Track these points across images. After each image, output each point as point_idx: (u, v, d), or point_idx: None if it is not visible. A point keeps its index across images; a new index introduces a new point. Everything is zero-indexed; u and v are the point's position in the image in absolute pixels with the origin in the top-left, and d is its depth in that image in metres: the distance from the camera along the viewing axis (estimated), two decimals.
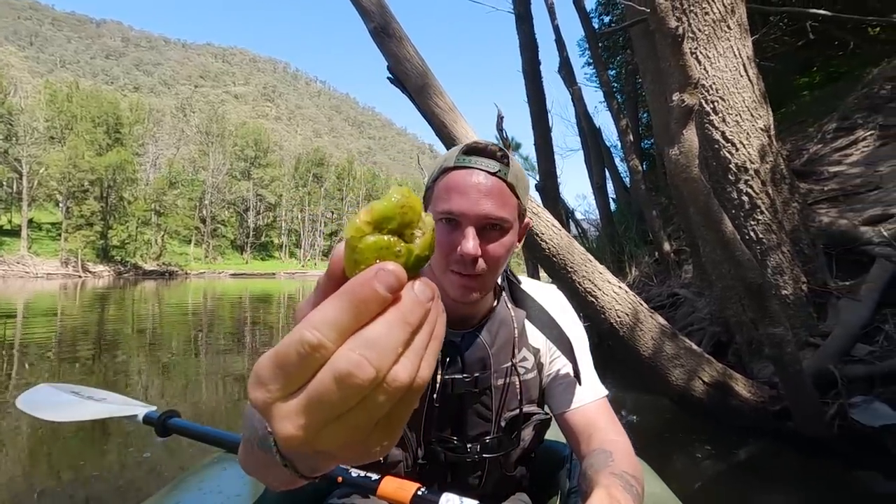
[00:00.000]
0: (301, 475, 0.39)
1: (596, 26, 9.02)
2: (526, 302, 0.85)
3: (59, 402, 1.22)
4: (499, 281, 0.86)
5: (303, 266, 69.97)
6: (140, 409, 1.21)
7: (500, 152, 0.69)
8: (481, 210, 0.66)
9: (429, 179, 0.74)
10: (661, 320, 2.77)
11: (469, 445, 0.78)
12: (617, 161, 9.23)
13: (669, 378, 2.70)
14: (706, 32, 2.88)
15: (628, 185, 8.31)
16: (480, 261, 0.68)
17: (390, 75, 3.13)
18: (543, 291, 0.90)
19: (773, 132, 2.91)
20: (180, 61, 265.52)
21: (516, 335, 0.80)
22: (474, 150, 0.69)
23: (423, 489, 0.71)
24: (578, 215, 13.17)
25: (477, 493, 0.79)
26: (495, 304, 0.82)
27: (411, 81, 2.98)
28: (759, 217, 2.79)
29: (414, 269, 0.25)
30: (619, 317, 2.73)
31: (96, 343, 6.12)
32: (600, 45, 8.33)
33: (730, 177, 2.84)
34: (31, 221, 42.37)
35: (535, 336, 0.84)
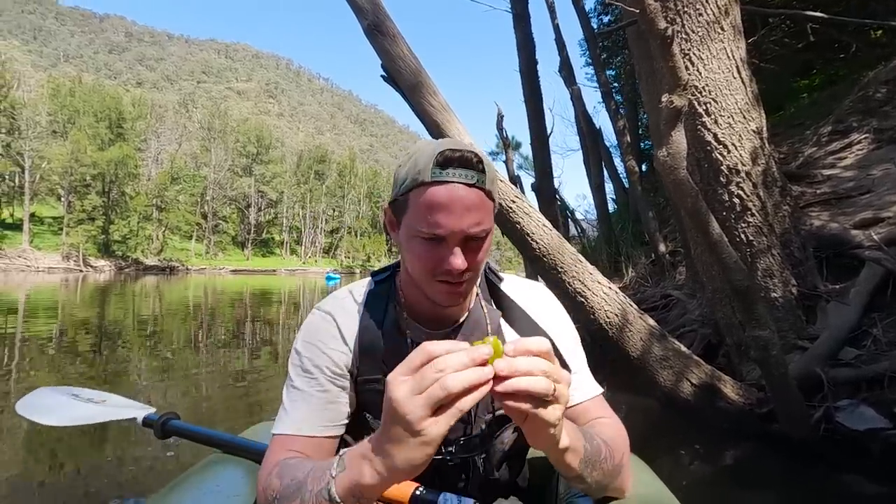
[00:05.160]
0: None
1: (595, 26, 9.00)
2: (504, 302, 0.85)
3: (58, 406, 1.20)
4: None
5: (304, 263, 70.04)
6: (140, 412, 1.22)
7: (475, 157, 0.66)
8: (466, 226, 0.66)
9: (399, 189, 0.70)
10: (651, 321, 2.77)
11: (448, 448, 0.78)
12: (617, 161, 9.23)
13: (658, 379, 2.71)
14: (699, 34, 2.87)
15: (627, 186, 8.30)
16: (466, 272, 0.69)
17: (384, 73, 3.13)
18: (527, 290, 0.88)
19: (765, 134, 2.91)
20: (183, 57, 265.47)
21: (489, 335, 0.79)
22: (450, 160, 0.65)
23: (420, 488, 0.71)
24: (578, 215, 13.12)
25: (467, 495, 0.79)
26: (471, 305, 0.82)
27: (404, 79, 2.98)
28: (750, 219, 2.79)
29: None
30: (608, 317, 2.73)
31: (96, 338, 6.17)
32: (600, 45, 8.31)
33: (721, 179, 2.84)
34: (32, 215, 42.47)
35: (513, 336, 0.82)
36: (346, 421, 0.77)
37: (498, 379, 0.48)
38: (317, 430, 0.73)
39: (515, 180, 11.06)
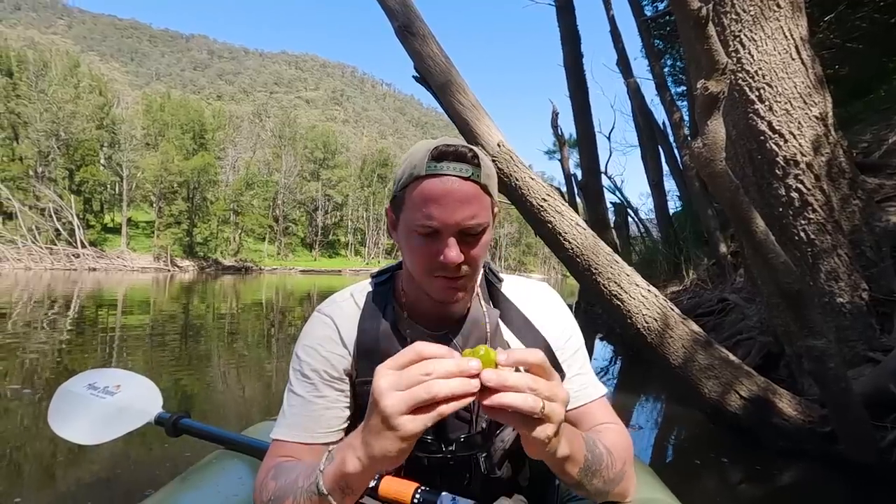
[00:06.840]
0: None
1: (649, 14, 8.51)
2: (502, 302, 0.84)
3: (81, 412, 1.26)
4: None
5: (367, 263, 72.06)
6: (152, 407, 1.28)
7: (470, 153, 0.67)
8: (459, 218, 0.66)
9: (397, 186, 0.72)
10: (694, 327, 2.56)
11: (450, 447, 0.78)
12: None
13: (702, 390, 2.50)
14: (752, 13, 2.62)
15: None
16: (463, 265, 0.69)
17: (416, 73, 3.14)
18: (527, 291, 0.87)
19: (831, 121, 2.60)
20: (257, 70, 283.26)
21: (488, 335, 0.79)
22: (444, 154, 0.66)
23: (421, 489, 0.72)
24: (643, 214, 12.51)
25: (469, 494, 0.78)
26: (470, 304, 0.81)
27: (434, 79, 2.98)
28: (811, 216, 2.51)
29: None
30: (646, 322, 2.56)
31: (181, 332, 6.78)
32: (658, 33, 7.83)
33: (777, 171, 2.57)
34: (129, 220, 47.04)
35: (510, 337, 0.82)
36: (345, 425, 0.78)
37: (487, 390, 0.48)
38: (312, 438, 0.74)
39: (571, 178, 10.75)
